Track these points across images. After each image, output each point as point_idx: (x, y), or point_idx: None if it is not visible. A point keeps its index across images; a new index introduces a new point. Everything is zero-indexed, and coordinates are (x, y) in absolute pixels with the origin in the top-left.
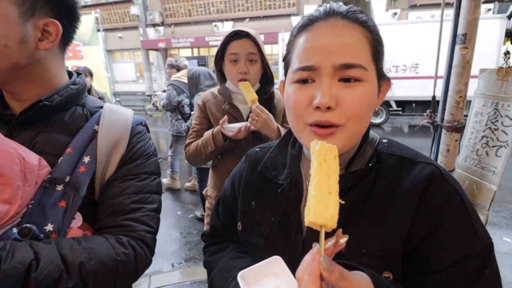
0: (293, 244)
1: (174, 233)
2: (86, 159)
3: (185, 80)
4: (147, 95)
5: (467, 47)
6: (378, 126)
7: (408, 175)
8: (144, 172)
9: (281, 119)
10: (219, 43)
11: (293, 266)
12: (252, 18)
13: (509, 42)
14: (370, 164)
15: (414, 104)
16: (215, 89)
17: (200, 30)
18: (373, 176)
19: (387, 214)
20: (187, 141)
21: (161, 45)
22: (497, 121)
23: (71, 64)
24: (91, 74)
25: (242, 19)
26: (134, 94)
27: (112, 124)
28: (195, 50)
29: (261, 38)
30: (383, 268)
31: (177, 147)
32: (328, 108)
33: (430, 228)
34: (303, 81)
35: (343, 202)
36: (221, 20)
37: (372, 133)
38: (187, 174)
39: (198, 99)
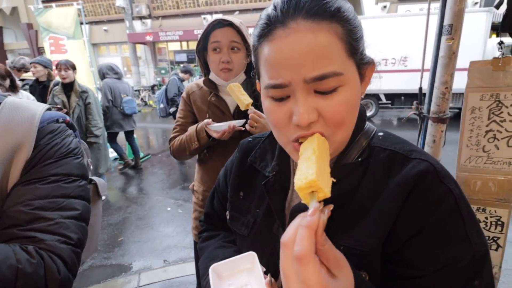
0: (275, 237)
1: (164, 230)
2: None
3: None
4: (135, 90)
5: (453, 38)
6: (368, 119)
7: (399, 172)
8: (55, 173)
9: None
10: None
11: (274, 259)
12: (242, 11)
13: (494, 35)
14: (360, 159)
15: (403, 97)
16: (200, 81)
17: (189, 23)
18: (362, 171)
19: (370, 211)
20: (172, 135)
21: (149, 38)
22: (502, 112)
23: (53, 58)
24: (73, 68)
25: (231, 11)
26: None
27: (10, 124)
28: (184, 43)
29: (246, 28)
30: (359, 267)
31: None
32: (310, 123)
33: (414, 229)
34: (279, 100)
35: (334, 180)
36: (210, 13)
37: (369, 124)
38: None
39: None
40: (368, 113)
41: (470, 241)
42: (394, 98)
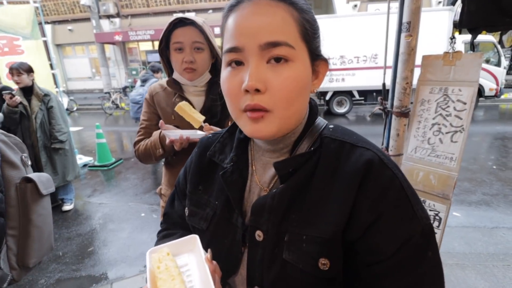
0: (234, 227)
1: (138, 236)
2: None
3: None
4: (105, 93)
5: (411, 34)
6: (343, 115)
7: (348, 160)
8: None
9: None
10: None
11: (233, 250)
12: (215, 9)
13: (457, 33)
14: (312, 148)
15: (375, 93)
16: (164, 81)
17: (160, 21)
18: (315, 160)
19: (327, 199)
20: (136, 139)
21: (118, 38)
22: (448, 106)
23: (7, 60)
24: (28, 71)
25: (205, 10)
26: (90, 92)
27: None
28: (156, 43)
29: (209, 27)
30: (320, 255)
31: None
32: (257, 91)
33: (373, 217)
34: (236, 63)
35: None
36: (183, 11)
37: (320, 118)
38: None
39: None
40: (343, 110)
41: (417, 216)
42: (367, 94)
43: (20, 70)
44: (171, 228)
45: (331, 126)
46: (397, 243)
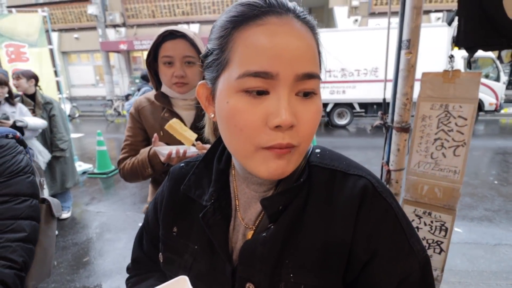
0: (221, 276)
1: None
2: None
3: None
4: (108, 100)
5: (411, 52)
6: (343, 127)
7: (341, 191)
8: (4, 193)
9: None
10: None
11: None
12: None
13: (457, 48)
14: (301, 180)
15: (375, 106)
16: (150, 94)
17: None
18: (305, 193)
19: (323, 238)
20: (121, 157)
21: (123, 47)
22: (449, 122)
23: (14, 67)
24: (27, 77)
25: (209, 22)
26: (93, 99)
27: None
28: None
29: (201, 40)
30: None
31: None
32: (291, 127)
33: (368, 254)
34: (258, 93)
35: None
36: (187, 23)
37: None
38: None
39: None
40: (343, 122)
41: (414, 251)
42: (367, 106)
43: (20, 75)
44: (144, 273)
45: (318, 150)
46: (395, 281)
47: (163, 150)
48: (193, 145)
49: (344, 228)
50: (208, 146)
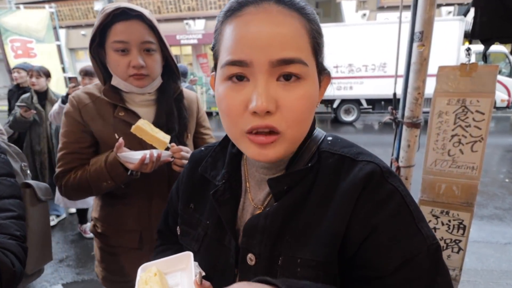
0: (227, 249)
1: None
2: None
3: None
4: None
5: (424, 44)
6: (350, 123)
7: (347, 176)
8: None
9: (197, 122)
10: (191, 41)
11: (226, 274)
12: None
13: (468, 43)
14: (309, 164)
15: (383, 102)
16: (91, 88)
17: (171, 28)
18: (312, 177)
19: (323, 219)
20: (59, 170)
21: None
22: (467, 117)
23: (20, 61)
24: (46, 75)
25: (215, 17)
26: None
27: None
28: None
29: (156, 22)
30: (317, 280)
31: None
32: (267, 112)
33: (366, 231)
34: (237, 78)
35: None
36: (193, 18)
37: (318, 130)
38: None
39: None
40: (350, 118)
41: (422, 233)
42: (375, 103)
43: (40, 72)
44: (167, 242)
45: (330, 138)
46: (398, 259)
47: (133, 156)
48: (167, 148)
49: (344, 208)
50: (184, 147)
